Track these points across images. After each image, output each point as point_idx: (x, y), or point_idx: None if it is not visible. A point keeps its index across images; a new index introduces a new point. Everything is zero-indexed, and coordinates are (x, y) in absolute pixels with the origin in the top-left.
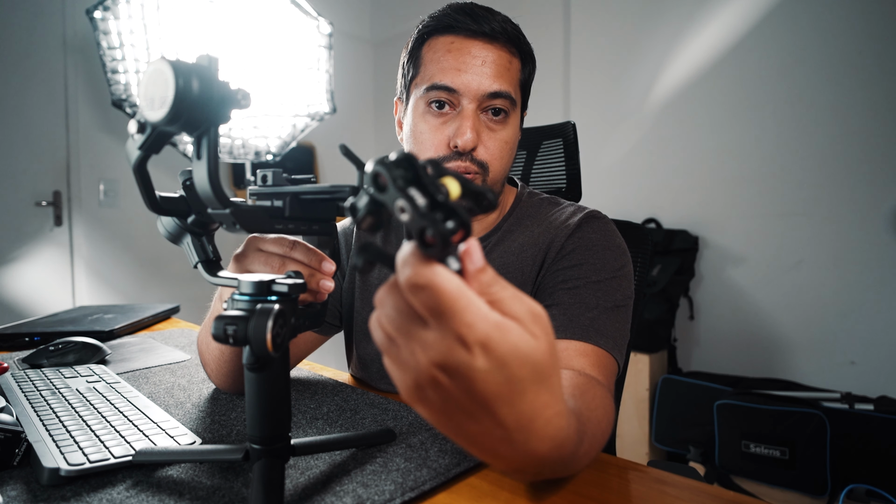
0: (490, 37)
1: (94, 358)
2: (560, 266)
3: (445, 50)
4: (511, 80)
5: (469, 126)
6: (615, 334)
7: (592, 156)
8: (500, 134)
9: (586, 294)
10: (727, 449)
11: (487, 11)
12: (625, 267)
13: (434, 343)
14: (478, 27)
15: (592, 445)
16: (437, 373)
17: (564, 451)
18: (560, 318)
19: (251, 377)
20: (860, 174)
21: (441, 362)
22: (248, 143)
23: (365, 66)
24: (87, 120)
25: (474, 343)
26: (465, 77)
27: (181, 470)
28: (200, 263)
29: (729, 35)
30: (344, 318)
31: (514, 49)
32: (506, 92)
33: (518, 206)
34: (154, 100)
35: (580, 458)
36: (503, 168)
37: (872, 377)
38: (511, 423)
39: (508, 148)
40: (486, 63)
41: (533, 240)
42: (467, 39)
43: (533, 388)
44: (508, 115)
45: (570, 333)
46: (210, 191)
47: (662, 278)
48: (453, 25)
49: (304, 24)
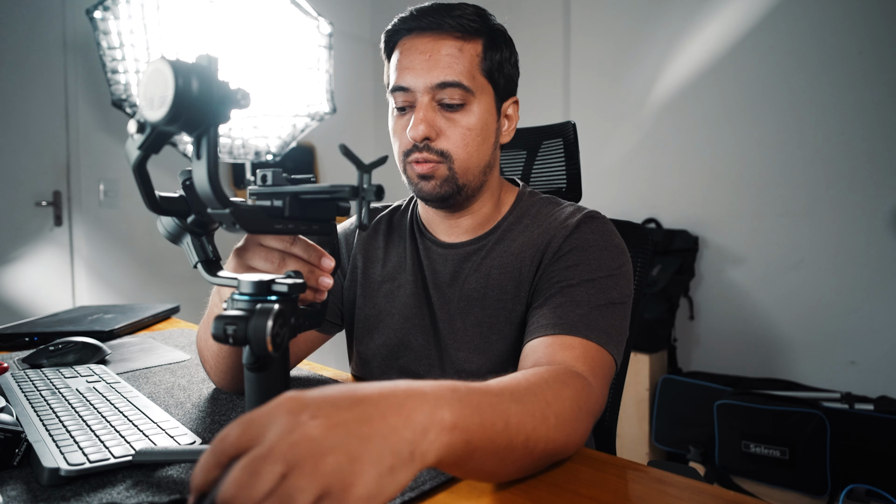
0: (433, 29)
1: (94, 358)
2: (556, 266)
3: (400, 53)
4: (463, 67)
5: (419, 118)
6: (608, 329)
7: (592, 156)
8: (459, 122)
9: (578, 292)
10: (727, 449)
11: (442, 8)
12: (622, 266)
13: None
14: (417, 24)
15: (543, 428)
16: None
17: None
18: (549, 316)
19: (251, 377)
20: (860, 174)
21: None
22: (248, 143)
23: (365, 66)
24: (87, 120)
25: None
26: (414, 74)
27: (181, 470)
28: (200, 263)
29: (729, 35)
30: (345, 316)
31: (467, 35)
32: (453, 81)
33: (518, 206)
34: (153, 99)
35: (526, 445)
36: (470, 155)
37: (872, 377)
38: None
39: (473, 135)
40: (434, 56)
41: (532, 240)
42: (414, 38)
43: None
44: (467, 104)
45: (557, 329)
46: (210, 191)
47: (662, 278)
48: (401, 29)
49: (304, 24)
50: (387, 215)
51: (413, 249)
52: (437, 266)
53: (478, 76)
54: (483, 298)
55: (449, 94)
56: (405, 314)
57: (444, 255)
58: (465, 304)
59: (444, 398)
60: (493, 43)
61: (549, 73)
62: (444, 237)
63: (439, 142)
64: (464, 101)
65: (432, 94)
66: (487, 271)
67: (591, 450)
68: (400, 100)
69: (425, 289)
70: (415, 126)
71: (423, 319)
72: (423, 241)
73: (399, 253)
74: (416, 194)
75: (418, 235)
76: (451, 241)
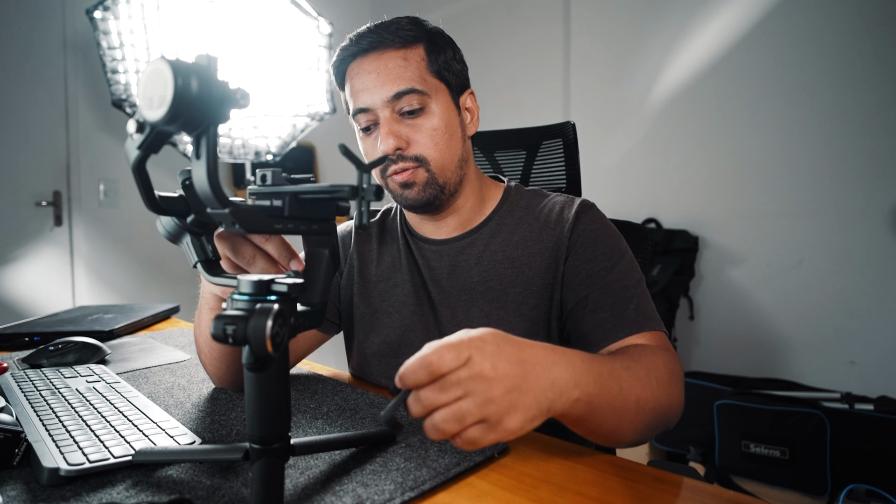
0: (375, 48)
1: (94, 358)
2: (574, 262)
3: (350, 79)
4: (412, 74)
5: (385, 132)
6: (654, 312)
7: (592, 156)
8: (424, 125)
9: (617, 288)
10: (727, 449)
11: (376, 27)
12: (626, 245)
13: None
14: (359, 47)
15: (649, 390)
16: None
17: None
18: (611, 321)
19: (251, 377)
20: (860, 174)
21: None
22: (248, 143)
23: None
24: (87, 120)
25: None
26: (368, 93)
27: (181, 470)
28: (200, 263)
29: (729, 35)
30: (343, 315)
31: (408, 43)
32: (407, 88)
33: (507, 200)
34: (153, 99)
35: (637, 405)
36: (443, 154)
37: (872, 377)
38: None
39: (440, 134)
40: (380, 72)
41: (535, 235)
42: (361, 61)
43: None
44: (425, 107)
45: (625, 331)
46: (209, 190)
47: (662, 278)
48: (346, 56)
49: (304, 24)
50: (379, 219)
51: (406, 249)
52: (431, 262)
53: (428, 78)
54: (487, 291)
55: (407, 102)
56: (403, 312)
57: (437, 252)
58: (466, 296)
59: (578, 369)
60: (434, 45)
61: (549, 74)
62: (432, 235)
63: (411, 149)
64: (422, 104)
65: (391, 107)
66: (490, 264)
67: (591, 450)
68: (363, 121)
69: (423, 285)
70: (384, 140)
71: (423, 315)
72: (413, 240)
73: (392, 253)
74: (402, 204)
75: (408, 236)
76: (441, 238)
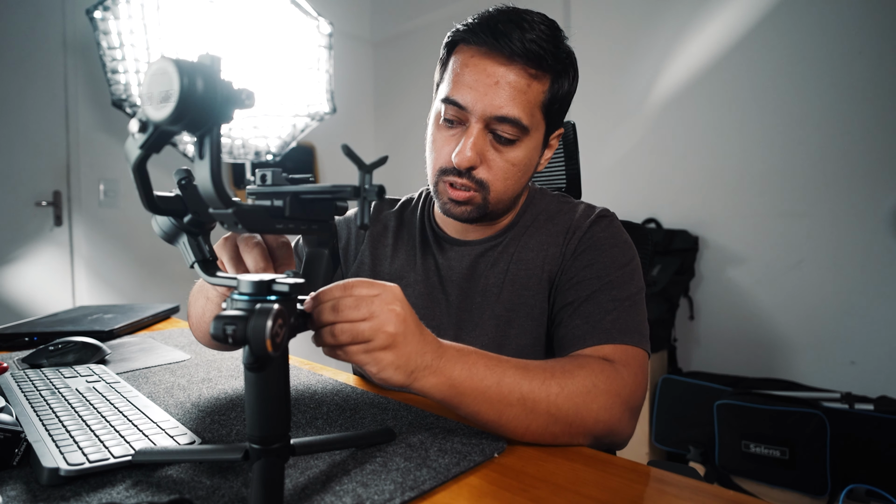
0: (508, 56)
1: (94, 358)
2: (573, 266)
3: (464, 63)
4: (526, 103)
5: (469, 145)
6: (637, 327)
7: (592, 156)
8: (506, 155)
9: (603, 298)
10: (727, 449)
11: (516, 25)
12: (633, 260)
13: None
14: (496, 44)
15: (543, 392)
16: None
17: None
18: (583, 327)
19: (251, 377)
20: (860, 174)
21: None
22: (248, 143)
23: (365, 66)
24: (87, 120)
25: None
26: (475, 96)
27: (181, 470)
28: (197, 263)
29: (729, 35)
30: None
31: (539, 69)
32: (514, 118)
33: (532, 204)
34: (157, 99)
35: (523, 403)
36: (507, 189)
37: (872, 377)
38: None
39: (515, 170)
40: (500, 84)
41: (552, 238)
42: (485, 56)
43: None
44: (518, 141)
45: (594, 340)
46: (213, 190)
47: (662, 278)
48: (470, 39)
49: (304, 24)
50: (397, 211)
51: (423, 246)
52: (452, 262)
53: (536, 113)
54: (500, 293)
55: (505, 129)
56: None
57: (459, 252)
58: (481, 298)
59: (449, 354)
60: (560, 77)
61: None
62: (459, 235)
63: (481, 170)
64: (515, 137)
65: (486, 123)
66: (506, 267)
67: (591, 450)
68: (450, 112)
69: (439, 283)
70: (461, 153)
71: (435, 317)
72: (435, 238)
73: (408, 250)
74: (443, 211)
75: (430, 232)
76: (466, 239)
